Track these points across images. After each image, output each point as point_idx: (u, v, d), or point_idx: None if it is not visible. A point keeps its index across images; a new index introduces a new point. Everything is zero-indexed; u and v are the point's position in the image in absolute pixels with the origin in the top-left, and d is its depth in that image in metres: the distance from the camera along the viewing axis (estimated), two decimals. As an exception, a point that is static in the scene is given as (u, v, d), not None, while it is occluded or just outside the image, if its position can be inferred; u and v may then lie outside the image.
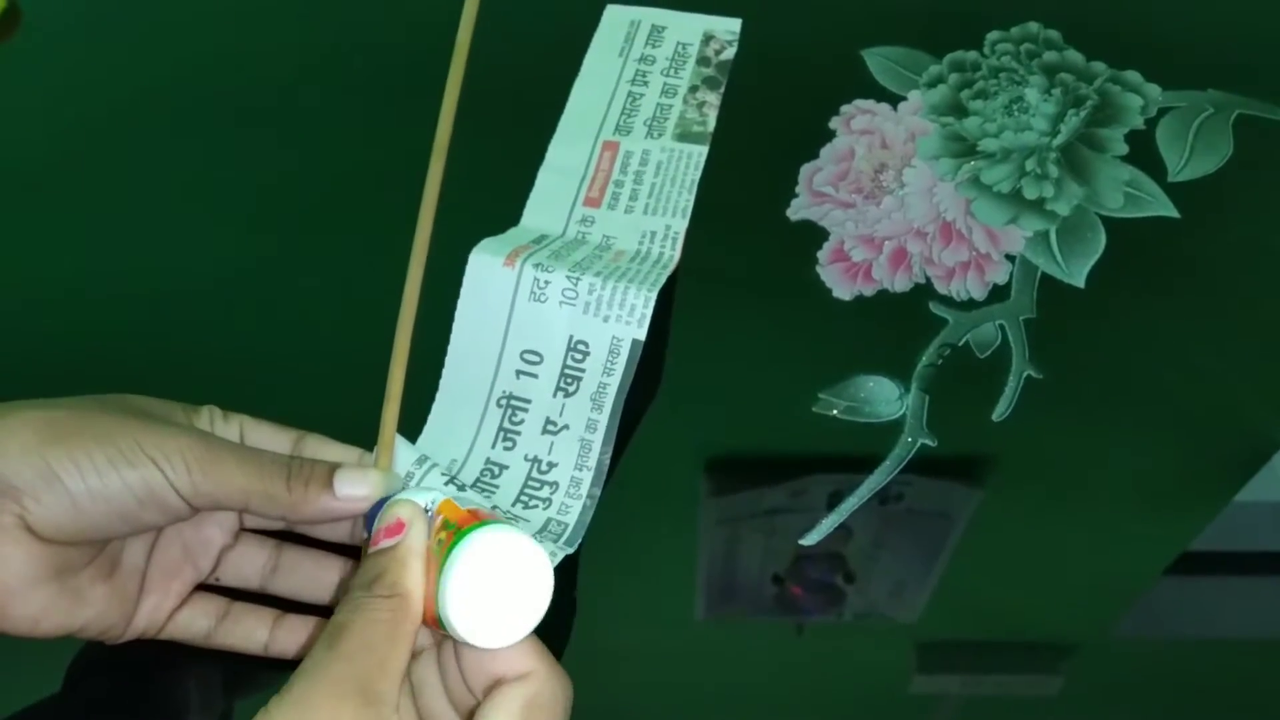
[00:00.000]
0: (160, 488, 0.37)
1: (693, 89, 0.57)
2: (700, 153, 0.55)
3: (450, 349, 0.47)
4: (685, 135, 0.56)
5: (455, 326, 0.47)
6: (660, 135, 0.56)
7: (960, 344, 0.52)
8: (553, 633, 0.43)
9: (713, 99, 0.57)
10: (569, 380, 0.46)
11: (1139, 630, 0.46)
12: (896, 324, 0.53)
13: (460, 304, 0.47)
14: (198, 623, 0.41)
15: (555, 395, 0.46)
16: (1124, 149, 0.58)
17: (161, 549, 0.41)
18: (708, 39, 0.60)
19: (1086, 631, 0.46)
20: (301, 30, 0.65)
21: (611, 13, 0.62)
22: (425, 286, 0.42)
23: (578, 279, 0.46)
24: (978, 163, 0.58)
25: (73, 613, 0.38)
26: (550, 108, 0.58)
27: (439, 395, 0.47)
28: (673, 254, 0.51)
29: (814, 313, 0.53)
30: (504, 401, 0.47)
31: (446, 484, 0.43)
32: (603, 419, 0.46)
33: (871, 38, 0.62)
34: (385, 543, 0.35)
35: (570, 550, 0.43)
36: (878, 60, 0.62)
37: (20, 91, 0.62)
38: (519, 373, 0.47)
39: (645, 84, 0.58)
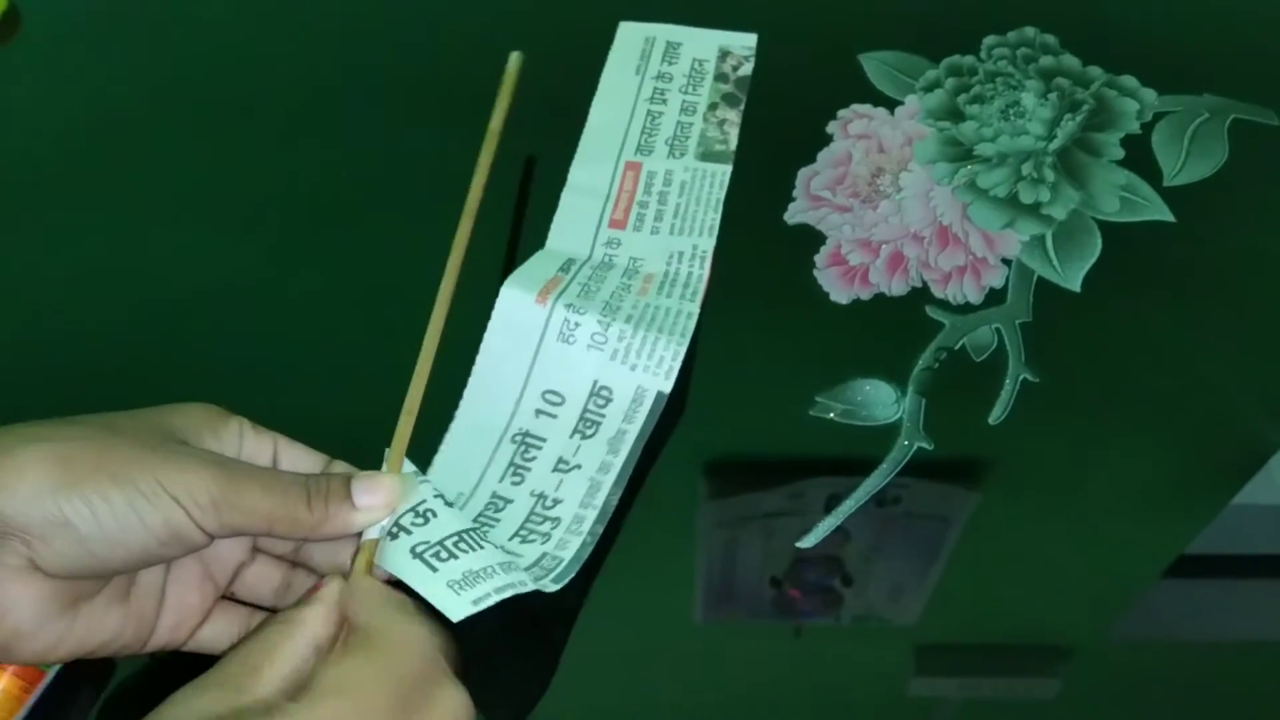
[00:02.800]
0: (183, 526, 0.36)
1: (712, 106, 0.57)
2: (724, 172, 0.55)
3: (471, 381, 0.47)
4: (708, 155, 0.55)
5: (479, 360, 0.47)
6: (682, 155, 0.56)
7: (957, 347, 0.52)
8: (552, 635, 0.43)
9: (733, 116, 0.57)
10: (588, 424, 0.46)
11: (1136, 633, 0.46)
12: (893, 328, 0.53)
13: (486, 337, 0.47)
14: (222, 635, 0.41)
15: (572, 436, 0.46)
16: (1120, 153, 0.58)
17: (178, 571, 0.40)
18: (724, 55, 0.59)
19: (1084, 634, 0.46)
20: (304, 32, 0.65)
21: (625, 30, 0.61)
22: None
23: (609, 324, 0.46)
24: (974, 167, 0.58)
25: (87, 639, 0.37)
26: (571, 125, 0.58)
27: (453, 426, 0.46)
28: (701, 272, 0.51)
29: (811, 316, 0.53)
30: (519, 438, 0.46)
31: (436, 497, 0.43)
32: (617, 462, 0.45)
33: (868, 42, 0.63)
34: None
35: (556, 588, 0.42)
36: (875, 65, 0.62)
37: (20, 94, 0.62)
38: (538, 412, 0.46)
39: (664, 102, 0.58)
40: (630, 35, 0.61)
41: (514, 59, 0.52)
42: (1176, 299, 0.54)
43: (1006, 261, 0.55)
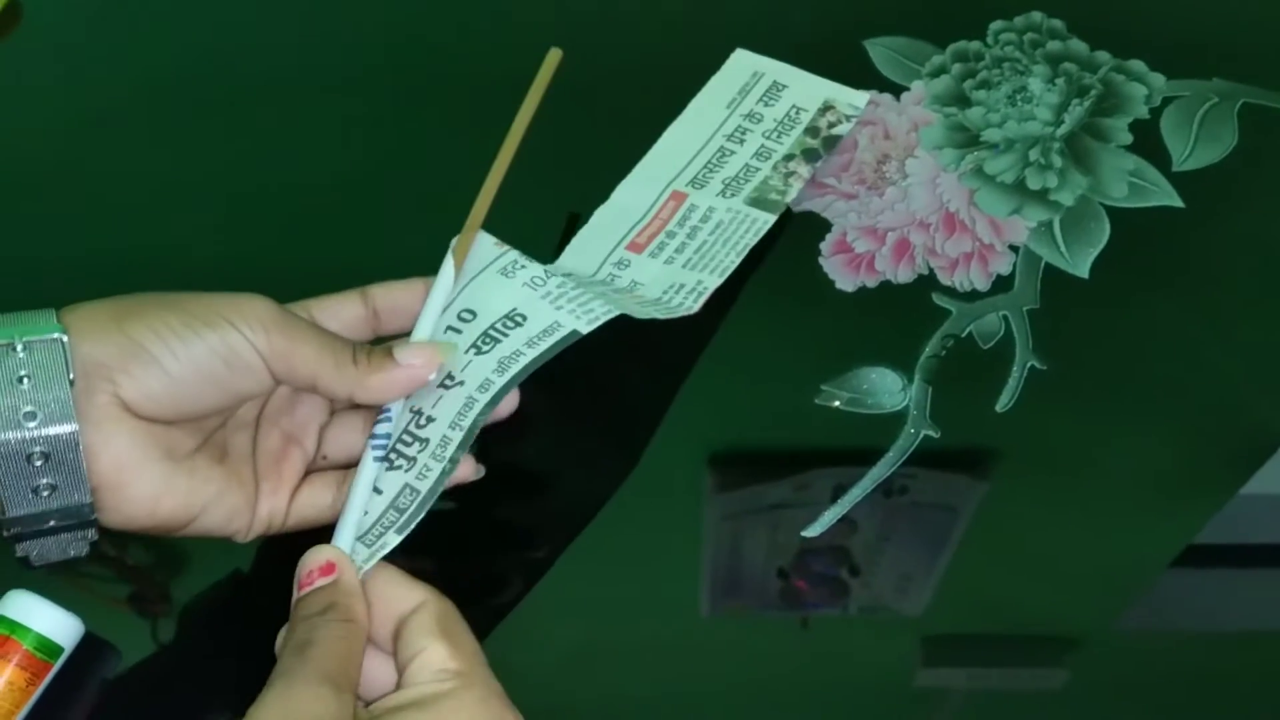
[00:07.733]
0: (241, 347, 0.38)
1: (788, 158, 0.55)
2: (767, 220, 0.52)
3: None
4: (759, 201, 0.53)
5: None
6: (733, 196, 0.53)
7: (963, 335, 0.52)
8: (559, 627, 0.43)
9: (803, 171, 0.54)
10: (487, 340, 0.44)
11: (1144, 623, 0.46)
12: (899, 315, 0.53)
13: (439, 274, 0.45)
14: (320, 498, 0.42)
15: (467, 352, 0.44)
16: (1128, 138, 0.58)
17: (263, 438, 0.42)
18: (825, 109, 0.57)
19: (1091, 624, 0.46)
20: (305, 23, 0.64)
21: (738, 57, 0.58)
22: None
23: (552, 275, 0.45)
24: (981, 153, 0.57)
25: (194, 490, 0.39)
26: (638, 145, 0.55)
27: None
28: (693, 306, 0.48)
29: (816, 304, 0.53)
30: None
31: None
32: (498, 382, 0.43)
33: (874, 28, 0.62)
34: (320, 581, 0.38)
35: (399, 539, 0.40)
36: (881, 51, 0.61)
37: (21, 88, 0.61)
38: (448, 328, 0.44)
39: (741, 143, 0.55)
40: (740, 64, 0.58)
41: (553, 55, 0.49)
42: (1185, 285, 0.54)
43: (1014, 248, 0.55)
